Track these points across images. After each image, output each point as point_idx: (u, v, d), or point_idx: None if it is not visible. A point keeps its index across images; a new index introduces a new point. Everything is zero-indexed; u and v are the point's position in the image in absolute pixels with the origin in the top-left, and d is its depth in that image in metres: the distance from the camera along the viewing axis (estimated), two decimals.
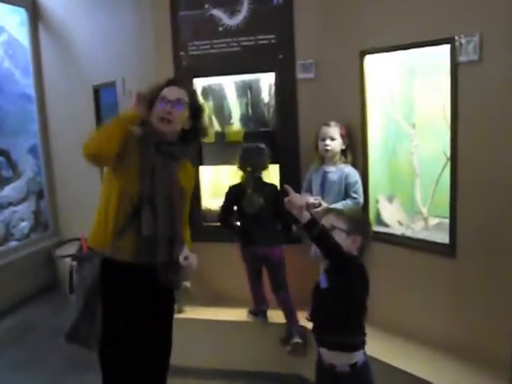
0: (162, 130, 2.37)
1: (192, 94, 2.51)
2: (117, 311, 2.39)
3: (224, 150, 3.90)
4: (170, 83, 2.45)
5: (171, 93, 2.39)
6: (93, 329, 2.37)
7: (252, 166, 3.35)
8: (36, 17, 5.59)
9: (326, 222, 2.22)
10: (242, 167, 3.38)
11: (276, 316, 3.50)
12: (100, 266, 2.34)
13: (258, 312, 3.56)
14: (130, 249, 2.35)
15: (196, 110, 2.48)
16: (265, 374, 3.49)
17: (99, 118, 5.07)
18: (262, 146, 3.39)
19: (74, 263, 2.45)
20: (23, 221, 5.60)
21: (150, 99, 2.42)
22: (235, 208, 3.44)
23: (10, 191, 5.56)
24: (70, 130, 5.47)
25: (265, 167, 3.39)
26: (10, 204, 5.51)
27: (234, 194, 3.40)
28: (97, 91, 5.01)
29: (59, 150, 5.76)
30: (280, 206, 2.62)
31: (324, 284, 2.26)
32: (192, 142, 2.54)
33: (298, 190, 3.50)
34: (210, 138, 3.85)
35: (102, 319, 2.36)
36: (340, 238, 2.17)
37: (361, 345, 2.23)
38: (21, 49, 5.72)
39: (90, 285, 2.34)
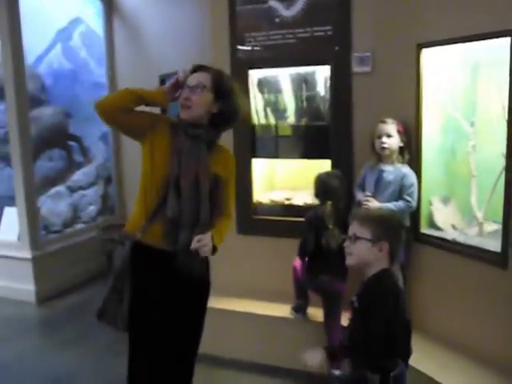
0: (182, 117, 2.36)
1: (217, 76, 2.41)
2: (144, 296, 2.40)
3: (277, 143, 3.85)
4: (194, 69, 2.43)
5: (191, 79, 2.37)
6: (120, 310, 2.40)
7: (334, 200, 3.18)
8: (110, 8, 5.76)
9: (351, 231, 2.12)
10: (322, 200, 3.22)
11: (316, 314, 3.42)
12: (130, 250, 2.36)
13: (299, 308, 3.50)
14: (158, 233, 2.35)
15: (222, 93, 2.41)
16: (299, 372, 3.41)
17: (165, 108, 5.16)
18: (339, 174, 3.26)
19: (115, 246, 2.51)
20: (91, 205, 5.83)
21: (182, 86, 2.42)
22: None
23: (80, 176, 5.81)
24: None
25: (344, 198, 3.25)
26: (80, 188, 5.75)
27: (315, 225, 3.21)
28: (163, 81, 5.10)
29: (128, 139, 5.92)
30: None
31: (355, 303, 2.15)
32: (222, 126, 2.49)
33: (349, 187, 3.43)
34: (262, 131, 3.85)
35: (129, 302, 2.38)
36: (365, 247, 2.06)
37: (386, 368, 2.06)
38: (96, 39, 5.93)
39: (119, 268, 2.38)
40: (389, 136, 3.11)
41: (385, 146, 3.12)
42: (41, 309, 4.78)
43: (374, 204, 3.12)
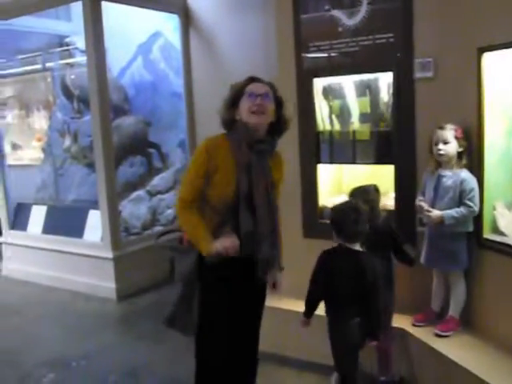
0: (255, 123, 2.47)
1: (273, 87, 2.62)
2: (214, 302, 2.56)
3: (342, 149, 3.93)
4: (251, 80, 2.58)
5: (257, 88, 2.52)
6: (189, 317, 2.56)
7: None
8: (187, 22, 6.06)
9: None
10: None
11: None
12: (197, 260, 2.51)
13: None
14: None
15: (279, 102, 2.59)
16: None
17: None
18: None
19: (174, 253, 2.67)
20: (169, 208, 6.15)
21: (233, 98, 2.55)
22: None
23: (158, 181, 6.15)
24: (213, 125, 5.85)
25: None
26: (159, 192, 6.09)
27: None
28: None
29: None
30: None
31: None
32: (277, 134, 2.63)
33: (412, 193, 3.46)
34: (327, 137, 3.94)
35: (198, 308, 2.55)
36: None
37: None
38: (174, 51, 6.25)
39: (188, 277, 2.55)
40: (445, 142, 3.12)
41: (441, 152, 3.14)
42: (121, 305, 5.11)
43: (434, 212, 3.14)
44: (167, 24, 6.24)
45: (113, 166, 5.30)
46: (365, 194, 3.25)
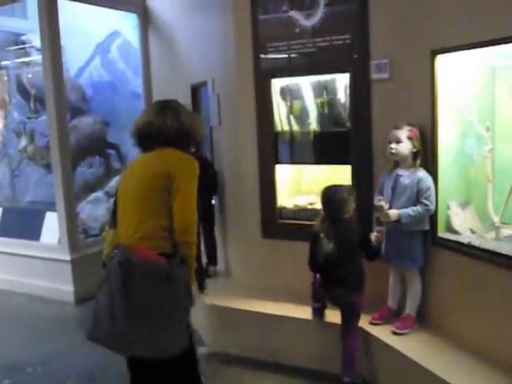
0: None
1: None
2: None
3: (299, 150, 3.96)
4: None
5: None
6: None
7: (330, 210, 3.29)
8: (146, 21, 5.98)
9: None
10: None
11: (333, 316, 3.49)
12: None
13: (316, 312, 3.58)
14: None
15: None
16: (321, 373, 3.50)
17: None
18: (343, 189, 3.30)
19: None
20: None
21: None
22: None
23: (117, 182, 6.04)
24: None
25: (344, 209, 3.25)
26: None
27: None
28: (194, 90, 5.27)
29: None
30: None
31: None
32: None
33: (369, 193, 3.50)
34: (285, 138, 3.96)
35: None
36: None
37: None
38: (133, 51, 6.18)
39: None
40: (398, 142, 3.18)
41: (392, 151, 3.20)
42: (79, 308, 5.01)
43: (391, 211, 3.18)
44: (126, 23, 6.16)
45: (70, 167, 5.20)
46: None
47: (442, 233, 3.23)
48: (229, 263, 4.52)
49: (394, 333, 3.23)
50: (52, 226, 5.35)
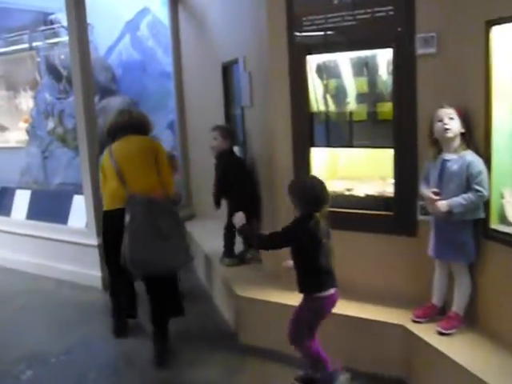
0: None
1: None
2: None
3: (337, 132, 3.69)
4: None
5: None
6: None
7: (324, 208, 2.86)
8: None
9: None
10: (311, 209, 2.84)
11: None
12: None
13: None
14: None
15: None
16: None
17: (228, 95, 5.11)
18: (318, 179, 2.97)
19: None
20: None
21: None
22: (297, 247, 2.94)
23: None
24: (203, 106, 5.60)
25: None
26: None
27: (306, 234, 2.84)
28: (226, 68, 5.04)
29: (194, 126, 5.92)
30: None
31: None
32: None
33: (413, 179, 3.22)
34: (321, 118, 3.70)
35: None
36: None
37: None
38: (163, 28, 5.97)
39: None
40: (451, 118, 2.88)
41: (447, 127, 2.88)
42: (106, 294, 4.87)
43: (441, 202, 2.90)
44: (155, 0, 5.94)
45: (97, 150, 5.02)
46: None
47: (494, 225, 2.93)
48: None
49: (439, 333, 2.96)
50: (79, 210, 5.22)
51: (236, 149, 4.59)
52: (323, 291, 2.90)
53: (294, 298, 3.51)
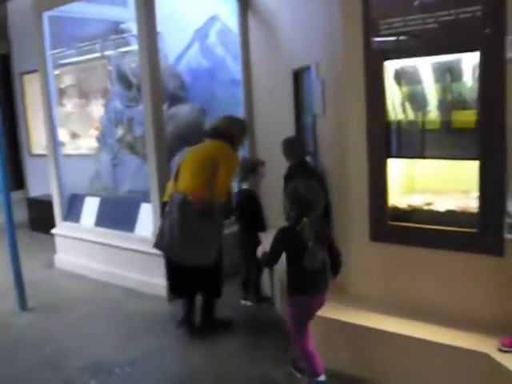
0: None
1: None
2: None
3: (415, 142, 3.47)
4: None
5: None
6: None
7: (314, 213, 2.96)
8: (245, 5, 5.67)
9: None
10: (299, 214, 2.96)
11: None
12: None
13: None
14: None
15: None
16: None
17: (298, 102, 4.97)
18: (313, 183, 3.10)
19: None
20: None
21: None
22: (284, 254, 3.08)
23: None
24: (272, 114, 5.48)
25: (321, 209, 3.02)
26: None
27: (289, 241, 3.03)
28: (296, 75, 4.90)
29: (263, 134, 5.80)
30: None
31: None
32: None
33: (500, 194, 2.97)
34: (398, 128, 3.48)
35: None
36: None
37: None
38: (232, 36, 5.89)
39: None
40: None
41: None
42: (171, 305, 4.82)
43: None
44: (224, 7, 5.88)
45: (165, 158, 5.00)
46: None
47: None
48: None
49: None
50: (146, 218, 5.20)
51: (308, 158, 4.43)
52: (304, 294, 3.09)
53: (374, 320, 3.35)
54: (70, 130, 7.92)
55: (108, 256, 5.53)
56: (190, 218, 3.83)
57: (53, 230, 6.27)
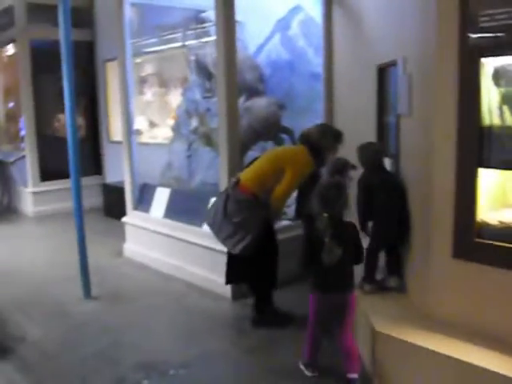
0: None
1: None
2: None
3: None
4: None
5: None
6: None
7: (332, 210, 3.11)
8: None
9: None
10: (319, 210, 3.13)
11: None
12: None
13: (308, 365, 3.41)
14: None
15: None
16: None
17: (382, 100, 4.63)
18: (339, 182, 3.31)
19: None
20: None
21: None
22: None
23: None
24: (353, 111, 5.17)
25: (346, 207, 3.20)
26: None
27: (309, 237, 3.25)
28: (381, 71, 4.56)
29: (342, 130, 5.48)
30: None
31: None
32: None
33: None
34: (495, 133, 3.09)
35: None
36: None
37: None
38: (315, 27, 5.61)
39: None
40: None
41: None
42: (235, 306, 4.65)
43: None
44: None
45: (237, 151, 4.82)
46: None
47: None
48: (406, 278, 3.80)
49: None
50: None
51: (387, 161, 4.08)
52: (320, 291, 3.21)
53: (447, 344, 2.99)
54: (149, 119, 7.93)
55: (174, 249, 5.44)
56: (231, 203, 4.01)
57: (123, 219, 6.27)
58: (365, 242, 3.65)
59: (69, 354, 3.84)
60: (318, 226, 3.10)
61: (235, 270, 4.27)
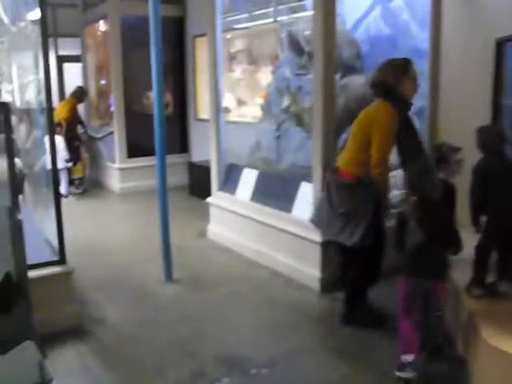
0: None
1: None
2: None
3: None
4: None
5: None
6: None
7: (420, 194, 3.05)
8: None
9: None
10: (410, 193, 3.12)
11: None
12: None
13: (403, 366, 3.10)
14: None
15: None
16: None
17: (499, 80, 4.11)
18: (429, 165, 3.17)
19: None
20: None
21: None
22: None
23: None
24: (462, 92, 4.66)
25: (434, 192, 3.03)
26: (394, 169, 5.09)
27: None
28: (500, 45, 4.03)
29: (449, 115, 4.97)
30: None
31: None
32: None
33: None
34: None
35: None
36: None
37: None
38: None
39: None
40: None
41: None
42: (323, 300, 4.33)
43: None
44: None
45: (332, 133, 4.46)
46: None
47: None
48: None
49: None
50: (306, 199, 4.72)
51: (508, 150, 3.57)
52: (405, 273, 3.16)
53: None
54: (237, 97, 7.71)
55: (260, 234, 5.18)
56: (336, 192, 3.71)
57: (208, 199, 6.09)
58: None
59: (145, 341, 3.71)
60: (404, 210, 3.13)
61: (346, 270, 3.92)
